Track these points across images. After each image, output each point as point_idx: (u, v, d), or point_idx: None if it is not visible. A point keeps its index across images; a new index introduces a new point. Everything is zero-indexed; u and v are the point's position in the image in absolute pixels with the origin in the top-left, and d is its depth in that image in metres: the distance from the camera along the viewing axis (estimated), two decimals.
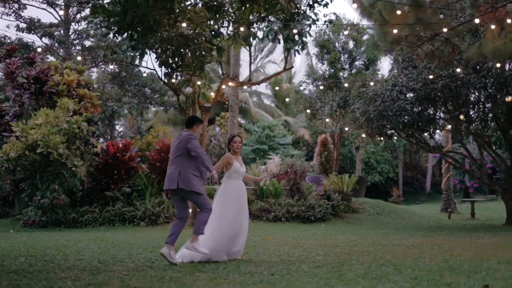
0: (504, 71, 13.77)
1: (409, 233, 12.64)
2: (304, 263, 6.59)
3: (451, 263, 5.96)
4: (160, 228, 14.93)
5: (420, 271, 5.29)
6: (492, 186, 16.93)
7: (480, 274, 4.97)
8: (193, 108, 15.00)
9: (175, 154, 7.26)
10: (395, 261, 6.38)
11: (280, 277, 5.16)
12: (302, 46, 13.31)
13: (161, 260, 7.28)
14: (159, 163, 16.42)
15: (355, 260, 6.65)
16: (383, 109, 15.28)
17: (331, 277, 5.06)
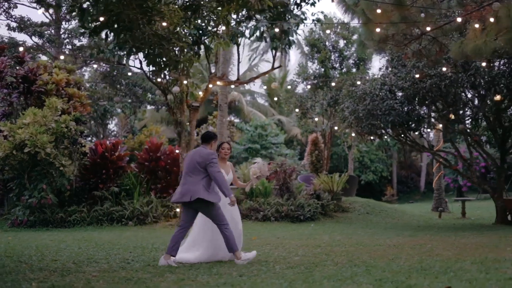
0: (492, 69, 13.74)
1: (396, 233, 12.62)
2: (279, 263, 6.55)
3: (424, 264, 5.92)
4: (148, 228, 14.89)
5: (390, 272, 5.25)
6: (482, 185, 16.90)
7: (448, 275, 4.93)
8: (181, 107, 14.96)
9: (193, 171, 7.17)
10: (370, 262, 6.35)
11: (247, 278, 5.13)
12: (289, 44, 13.27)
13: (137, 260, 7.23)
14: (147, 162, 16.39)
15: (330, 261, 6.62)
16: (372, 108, 15.24)
17: (298, 278, 5.02)
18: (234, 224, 7.58)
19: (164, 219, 15.61)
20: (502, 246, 8.57)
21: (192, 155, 7.45)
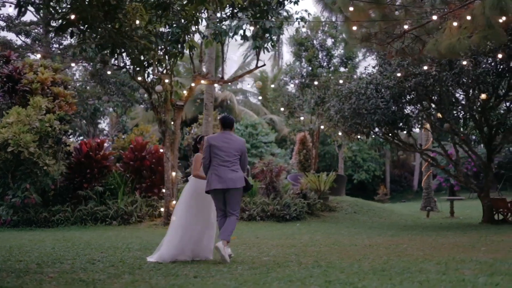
0: (477, 68, 13.66)
1: (379, 232, 12.55)
2: (245, 264, 6.48)
3: (387, 265, 5.85)
4: (132, 227, 14.80)
5: (347, 273, 5.18)
6: (468, 185, 16.82)
7: (403, 276, 4.86)
8: (165, 106, 14.88)
9: (232, 158, 7.28)
10: (335, 263, 6.28)
11: (200, 280, 5.06)
12: (272, 43, 13.19)
13: (103, 261, 7.13)
14: (133, 161, 16.29)
15: (296, 262, 6.54)
16: (357, 107, 15.16)
17: (251, 280, 4.95)
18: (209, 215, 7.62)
19: (148, 219, 15.54)
20: (478, 246, 8.51)
21: (227, 141, 7.37)
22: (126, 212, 15.26)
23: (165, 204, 14.91)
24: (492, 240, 9.80)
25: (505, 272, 4.95)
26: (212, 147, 7.30)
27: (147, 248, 8.87)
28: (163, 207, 15.10)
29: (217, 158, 7.27)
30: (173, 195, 14.86)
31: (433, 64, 14.12)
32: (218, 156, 7.26)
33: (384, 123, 15.34)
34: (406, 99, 15.39)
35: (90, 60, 14.31)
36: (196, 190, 7.65)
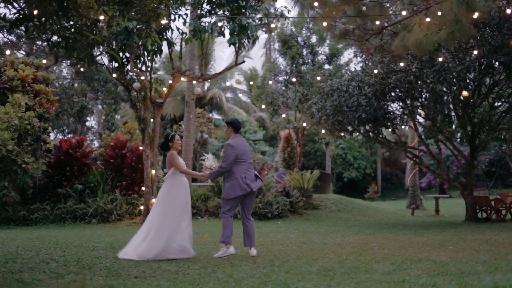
0: (458, 65, 13.54)
1: (356, 230, 12.44)
2: (199, 263, 6.37)
3: (340, 264, 5.75)
4: (111, 225, 14.69)
5: (291, 273, 5.08)
6: (451, 182, 16.71)
7: (344, 277, 4.75)
8: (144, 103, 14.75)
9: (250, 159, 7.75)
10: (289, 262, 6.19)
11: (138, 280, 4.95)
12: (249, 40, 13.06)
13: (59, 260, 7.01)
14: (113, 159, 16.16)
15: (251, 261, 6.44)
16: (339, 104, 15.04)
17: (188, 280, 4.83)
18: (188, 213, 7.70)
19: (128, 217, 15.42)
20: (447, 245, 8.40)
21: (245, 145, 7.81)
22: (106, 210, 15.15)
23: (145, 202, 14.79)
24: (465, 238, 9.69)
25: (453, 272, 4.84)
26: (238, 154, 7.55)
27: (113, 247, 8.76)
28: (143, 205, 14.98)
29: (244, 163, 7.58)
30: (153, 193, 14.75)
31: (414, 61, 14.00)
32: (244, 162, 7.59)
33: (366, 120, 15.20)
34: (388, 96, 15.26)
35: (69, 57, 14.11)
36: (178, 188, 7.69)
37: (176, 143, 7.96)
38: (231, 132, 7.82)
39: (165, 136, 8.19)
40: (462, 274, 4.70)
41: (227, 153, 7.56)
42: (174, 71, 14.27)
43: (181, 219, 7.56)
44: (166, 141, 8.05)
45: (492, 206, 15.82)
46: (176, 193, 7.67)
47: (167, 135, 8.15)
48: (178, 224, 7.51)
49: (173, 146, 7.95)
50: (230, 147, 7.59)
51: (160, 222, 7.51)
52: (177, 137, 8.05)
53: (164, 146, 8.10)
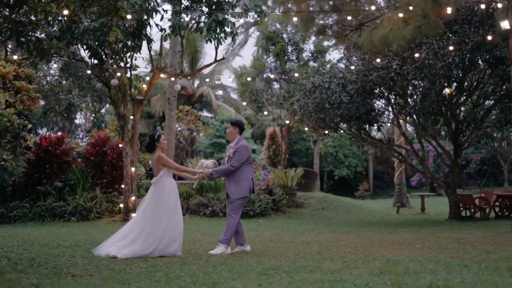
0: (437, 62, 13.40)
1: (334, 229, 12.34)
2: (150, 262, 6.27)
3: (290, 263, 5.66)
4: (90, 223, 14.56)
5: (232, 272, 4.97)
6: (435, 180, 16.60)
7: (281, 276, 4.65)
8: (124, 100, 14.61)
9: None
10: (242, 260, 6.09)
11: (73, 279, 4.83)
12: (226, 36, 12.93)
13: (14, 259, 6.87)
14: (93, 157, 16.02)
15: (204, 260, 6.34)
16: (321, 102, 14.90)
17: (122, 279, 4.71)
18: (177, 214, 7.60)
19: (108, 215, 15.29)
20: (416, 243, 8.31)
21: (248, 147, 7.86)
22: (85, 208, 15.01)
23: (124, 200, 14.66)
24: (438, 237, 9.58)
25: (397, 271, 4.73)
26: (249, 156, 7.71)
27: (77, 245, 8.66)
28: (122, 203, 14.85)
29: (251, 165, 7.74)
30: (132, 191, 14.62)
31: (396, 57, 13.87)
32: (251, 164, 7.75)
33: (348, 117, 15.07)
34: (371, 93, 15.11)
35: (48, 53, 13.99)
36: (170, 189, 7.62)
37: (162, 143, 7.83)
38: (237, 133, 7.77)
39: (150, 136, 7.99)
40: (405, 273, 4.58)
41: (242, 153, 7.56)
42: (153, 67, 14.13)
43: (171, 220, 7.48)
44: (152, 141, 7.85)
45: (476, 205, 15.71)
46: (167, 196, 7.56)
47: (153, 135, 7.95)
48: (167, 225, 7.44)
49: (159, 146, 7.81)
50: (245, 148, 7.64)
51: (151, 224, 7.43)
52: (162, 137, 7.93)
53: (149, 147, 7.92)
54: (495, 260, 5.55)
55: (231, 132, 7.80)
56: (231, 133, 7.81)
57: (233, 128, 7.78)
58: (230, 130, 7.84)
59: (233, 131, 7.77)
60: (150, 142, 7.85)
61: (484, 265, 5.16)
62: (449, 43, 13.48)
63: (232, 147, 7.73)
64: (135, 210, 14.79)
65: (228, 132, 7.89)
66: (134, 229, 7.57)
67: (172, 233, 7.37)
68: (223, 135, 29.55)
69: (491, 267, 5.00)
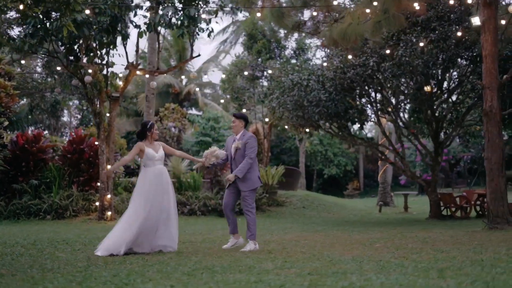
0: (414, 59, 13.26)
1: (307, 228, 12.22)
2: (100, 260, 6.14)
3: (228, 263, 5.52)
4: (66, 222, 14.39)
5: (162, 272, 4.82)
6: (415, 179, 16.48)
7: (212, 275, 4.52)
8: (100, 97, 14.45)
9: None
10: (180, 260, 5.96)
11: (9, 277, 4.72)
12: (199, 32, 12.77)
13: None
14: (70, 154, 15.85)
15: (143, 259, 6.21)
16: (299, 99, 14.77)
17: (48, 278, 4.58)
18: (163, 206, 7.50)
19: (84, 213, 15.12)
20: (379, 243, 8.19)
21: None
22: (61, 206, 14.84)
23: (100, 198, 14.51)
24: (405, 236, 9.45)
25: (327, 272, 4.59)
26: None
27: (35, 244, 8.49)
28: (98, 201, 14.69)
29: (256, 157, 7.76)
30: (108, 189, 14.47)
31: (374, 54, 13.73)
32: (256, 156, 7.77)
33: (327, 115, 14.93)
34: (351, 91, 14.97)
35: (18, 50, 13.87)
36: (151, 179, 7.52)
37: (154, 133, 7.73)
38: (242, 126, 7.77)
39: (143, 124, 7.91)
40: (333, 274, 4.44)
41: (253, 144, 7.62)
42: (127, 64, 13.97)
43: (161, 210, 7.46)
44: (144, 129, 7.75)
45: (456, 204, 15.60)
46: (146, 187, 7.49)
47: (145, 123, 7.86)
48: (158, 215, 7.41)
49: (151, 136, 7.69)
50: (255, 139, 7.73)
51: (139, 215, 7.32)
52: (155, 127, 7.86)
53: (140, 134, 7.82)
54: (436, 260, 5.41)
55: (237, 125, 7.77)
56: (237, 126, 7.78)
57: (239, 121, 7.77)
58: (236, 124, 7.81)
59: (239, 124, 7.76)
60: (142, 130, 7.78)
61: (422, 265, 5.02)
62: (427, 40, 13.35)
63: (238, 139, 7.68)
64: (111, 209, 14.69)
65: (234, 125, 7.85)
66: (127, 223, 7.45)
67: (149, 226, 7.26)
68: (209, 133, 29.42)
69: (426, 267, 4.87)
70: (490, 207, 10.09)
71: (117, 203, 15.70)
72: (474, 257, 5.78)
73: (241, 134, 7.70)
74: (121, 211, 15.74)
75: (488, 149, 10.14)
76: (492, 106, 10.01)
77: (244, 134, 7.70)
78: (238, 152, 7.57)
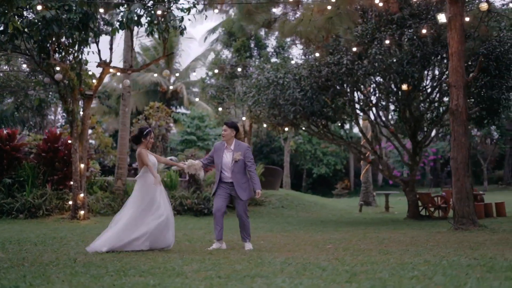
0: (388, 58, 13.11)
1: (277, 228, 12.12)
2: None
3: (159, 265, 5.38)
4: (38, 221, 14.23)
5: (72, 273, 4.70)
6: (394, 179, 16.31)
7: (118, 276, 4.37)
8: (72, 95, 14.31)
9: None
10: (122, 260, 5.82)
11: None
12: (168, 30, 12.62)
13: None
14: (45, 153, 15.71)
15: (72, 260, 6.10)
16: (275, 98, 14.63)
17: None
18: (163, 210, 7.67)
19: (58, 212, 14.98)
20: (333, 244, 8.03)
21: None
22: (34, 205, 14.70)
23: (73, 197, 14.37)
24: (367, 237, 9.34)
25: (241, 276, 4.46)
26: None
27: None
28: (71, 200, 14.55)
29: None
30: (81, 188, 14.32)
31: (349, 52, 13.58)
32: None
33: (303, 114, 14.78)
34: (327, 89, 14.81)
35: None
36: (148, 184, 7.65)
37: (149, 141, 7.83)
38: (233, 136, 7.79)
39: (140, 129, 7.96)
40: (243, 278, 4.30)
41: (251, 156, 7.86)
42: (99, 62, 13.83)
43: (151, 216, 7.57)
44: (139, 135, 7.82)
45: (434, 203, 15.45)
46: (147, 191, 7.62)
47: (142, 129, 7.92)
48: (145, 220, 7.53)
49: (144, 143, 7.77)
50: (250, 150, 7.96)
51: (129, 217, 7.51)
52: (152, 135, 7.89)
53: (135, 139, 7.92)
54: (363, 264, 5.26)
55: (229, 134, 7.77)
56: (228, 135, 7.77)
57: (231, 130, 7.77)
58: (227, 132, 7.78)
59: (231, 133, 7.76)
60: (137, 135, 7.85)
61: (344, 268, 4.87)
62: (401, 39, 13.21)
63: (234, 149, 7.71)
64: (84, 208, 14.55)
65: (225, 133, 7.81)
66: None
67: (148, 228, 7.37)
68: (194, 132, 29.28)
69: (346, 270, 4.73)
70: (456, 208, 9.95)
71: (92, 202, 15.57)
72: (409, 259, 5.63)
73: (235, 145, 7.77)
74: (95, 210, 15.64)
75: (454, 149, 9.99)
76: (458, 105, 9.86)
77: (239, 145, 7.78)
78: (237, 163, 7.62)
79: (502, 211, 15.52)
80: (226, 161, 7.66)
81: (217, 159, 7.73)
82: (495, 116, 14.77)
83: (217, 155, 7.78)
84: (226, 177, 7.66)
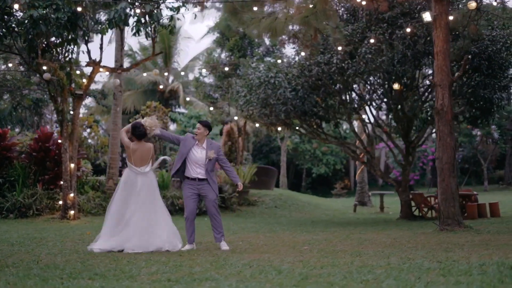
0: (378, 57, 12.99)
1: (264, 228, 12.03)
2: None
3: (126, 266, 5.33)
4: (28, 221, 14.21)
5: (36, 274, 4.65)
6: (385, 179, 16.18)
7: (71, 277, 4.32)
8: (62, 95, 14.27)
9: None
10: (83, 264, 5.77)
11: None
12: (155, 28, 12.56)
13: None
14: (36, 152, 15.68)
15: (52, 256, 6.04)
16: (266, 97, 14.54)
17: None
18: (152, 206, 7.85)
19: (48, 212, 14.95)
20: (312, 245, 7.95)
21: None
22: (24, 204, 14.67)
23: (63, 197, 14.33)
24: (350, 238, 9.23)
25: (199, 278, 4.38)
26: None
27: None
28: (62, 200, 14.52)
29: None
30: (71, 187, 14.28)
31: (339, 52, 13.47)
32: None
33: (294, 113, 14.68)
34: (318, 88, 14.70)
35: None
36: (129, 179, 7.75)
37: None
38: (205, 136, 7.87)
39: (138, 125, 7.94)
40: (194, 280, 4.22)
41: (222, 154, 8.13)
42: (89, 61, 13.78)
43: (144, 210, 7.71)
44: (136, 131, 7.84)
45: (427, 203, 15.32)
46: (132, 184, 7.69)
47: (141, 127, 7.87)
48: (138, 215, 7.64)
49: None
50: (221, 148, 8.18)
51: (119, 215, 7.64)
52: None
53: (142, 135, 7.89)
54: (322, 266, 5.17)
55: (202, 133, 7.83)
56: (201, 133, 7.83)
57: (204, 129, 7.84)
58: (201, 131, 7.83)
59: (204, 132, 7.83)
60: (142, 132, 7.83)
61: (300, 271, 4.79)
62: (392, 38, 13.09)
63: (206, 148, 7.79)
64: (74, 208, 14.51)
65: (199, 132, 7.84)
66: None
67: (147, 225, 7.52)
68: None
69: (301, 273, 4.65)
70: (441, 208, 9.83)
71: (83, 202, 15.52)
72: (373, 262, 5.51)
73: (207, 143, 7.86)
74: (86, 210, 15.59)
75: (439, 149, 9.87)
76: (443, 104, 9.74)
77: (211, 143, 7.93)
78: (210, 162, 7.75)
79: (496, 212, 15.36)
80: (198, 157, 7.70)
81: (184, 150, 7.76)
82: (489, 115, 14.63)
83: (184, 146, 7.81)
84: (196, 173, 7.70)
